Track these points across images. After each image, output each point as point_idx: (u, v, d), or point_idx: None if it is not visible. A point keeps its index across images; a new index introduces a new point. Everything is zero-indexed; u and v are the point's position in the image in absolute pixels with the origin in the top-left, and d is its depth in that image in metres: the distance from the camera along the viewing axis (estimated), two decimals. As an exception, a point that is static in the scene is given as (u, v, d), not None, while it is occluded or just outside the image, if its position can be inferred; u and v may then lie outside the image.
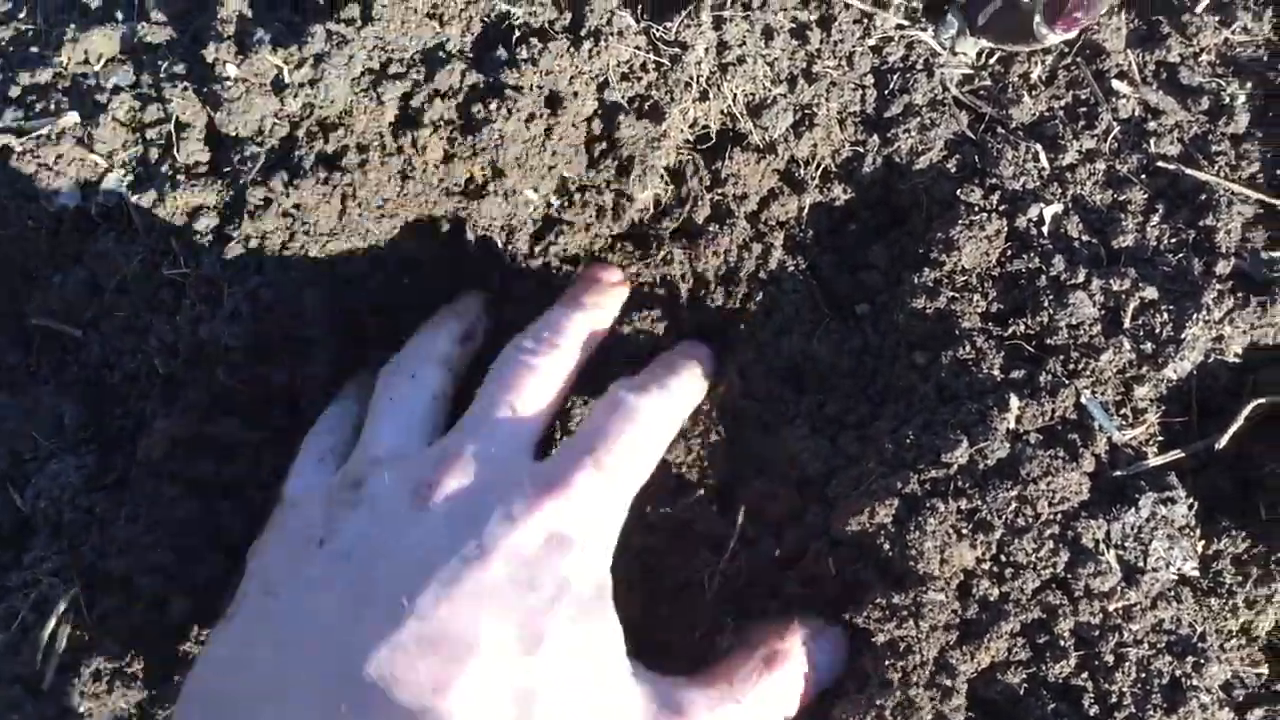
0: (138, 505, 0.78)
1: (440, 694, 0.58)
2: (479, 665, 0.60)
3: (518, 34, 0.89)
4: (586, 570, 0.67)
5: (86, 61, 0.93)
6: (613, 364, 0.86)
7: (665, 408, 0.78)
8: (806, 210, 0.92)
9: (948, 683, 0.73)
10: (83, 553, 0.77)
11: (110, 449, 0.86)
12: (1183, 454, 0.80)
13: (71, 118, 0.90)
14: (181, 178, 0.88)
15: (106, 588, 0.76)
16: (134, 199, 0.88)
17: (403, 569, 0.64)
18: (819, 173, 0.92)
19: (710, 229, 0.91)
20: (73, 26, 0.93)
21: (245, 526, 0.79)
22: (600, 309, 0.86)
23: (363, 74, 0.87)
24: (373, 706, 0.57)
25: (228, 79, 0.87)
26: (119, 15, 0.96)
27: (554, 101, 0.88)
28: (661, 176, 0.92)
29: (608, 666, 0.66)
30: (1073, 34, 0.83)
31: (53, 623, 0.74)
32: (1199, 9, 0.93)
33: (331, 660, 0.60)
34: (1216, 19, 0.93)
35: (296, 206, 0.85)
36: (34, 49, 0.96)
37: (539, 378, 0.78)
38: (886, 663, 0.75)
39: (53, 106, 0.91)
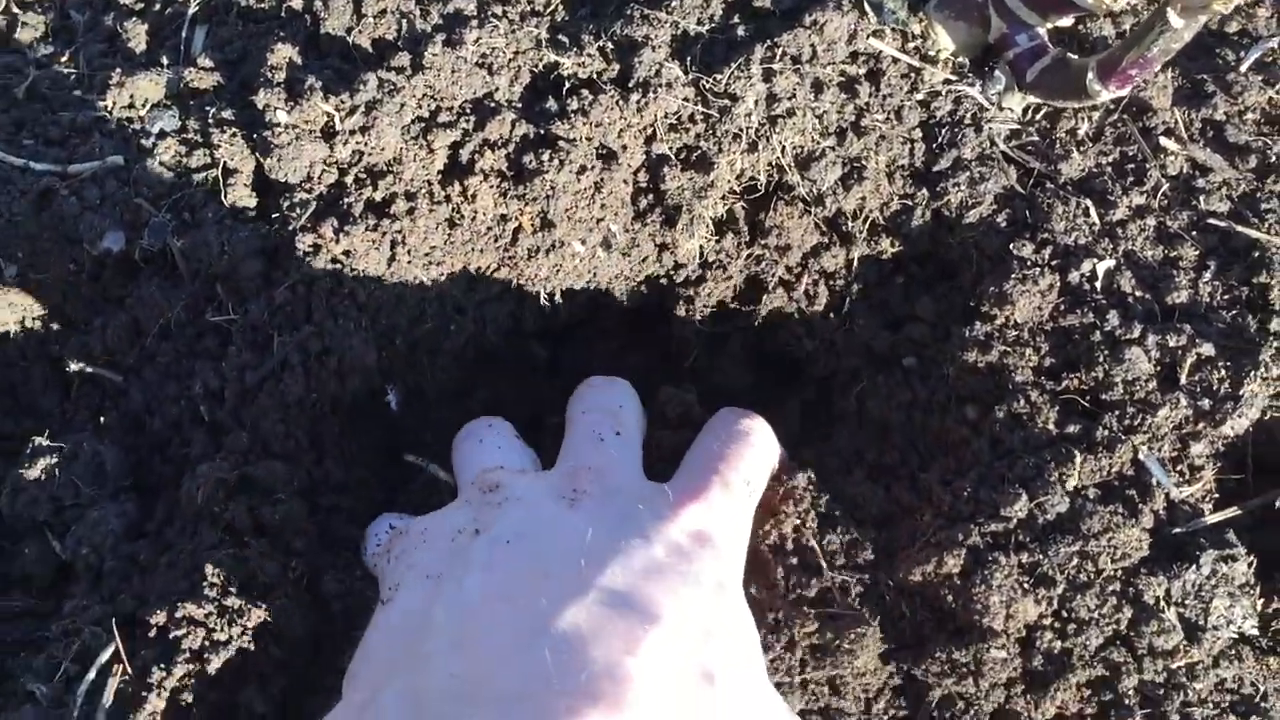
0: (178, 552, 0.77)
1: (631, 652, 0.62)
2: (663, 635, 0.64)
3: (567, 85, 0.89)
4: (731, 569, 0.73)
5: (131, 105, 0.93)
6: None
7: (770, 436, 0.83)
8: (855, 262, 0.92)
9: None
10: (123, 603, 0.75)
11: (150, 496, 0.84)
12: (1240, 511, 0.79)
13: (115, 160, 0.90)
14: (229, 222, 0.87)
15: (145, 639, 0.74)
16: (178, 243, 0.87)
17: (570, 552, 0.69)
18: (867, 225, 0.92)
19: None
20: (118, 71, 0.93)
21: (278, 571, 0.77)
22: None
23: (413, 122, 0.87)
24: (570, 653, 0.61)
25: (278, 125, 0.86)
26: (164, 60, 0.96)
27: (606, 155, 0.88)
28: (708, 227, 0.92)
29: (755, 659, 0.71)
30: (1125, 91, 0.84)
31: (93, 674, 0.72)
32: (1243, 68, 0.94)
33: (523, 616, 0.64)
34: (1261, 78, 0.94)
35: (345, 253, 0.85)
36: (76, 92, 0.96)
37: (624, 404, 0.85)
38: (945, 717, 0.74)
39: (96, 150, 0.91)
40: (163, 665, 0.70)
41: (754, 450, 0.80)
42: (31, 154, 0.91)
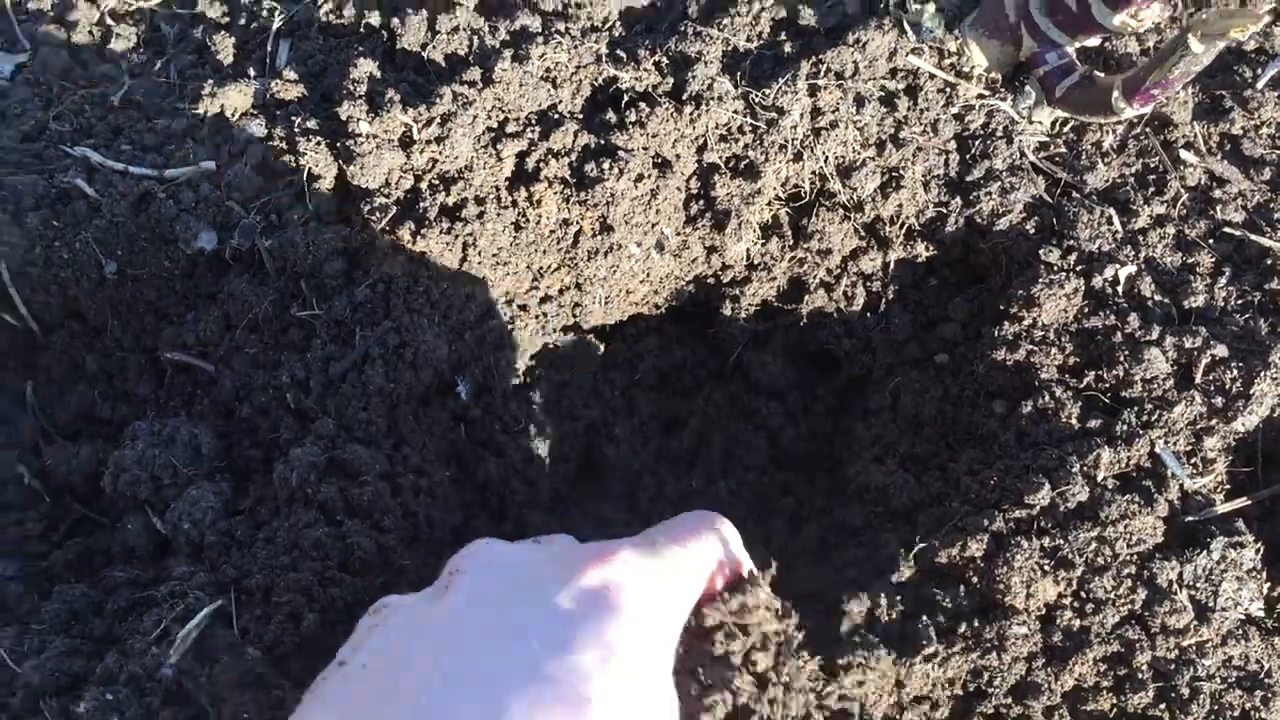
0: (275, 529, 0.84)
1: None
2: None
3: (625, 98, 0.96)
4: (634, 636, 0.60)
5: (222, 114, 1.00)
6: None
7: (735, 534, 0.70)
8: (891, 265, 0.98)
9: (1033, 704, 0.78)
10: (225, 571, 0.83)
11: (243, 477, 0.91)
12: (1249, 501, 0.85)
13: (208, 165, 0.97)
14: (312, 224, 0.94)
15: (249, 603, 0.81)
16: (266, 243, 0.95)
17: (428, 641, 0.62)
18: (903, 231, 0.98)
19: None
20: (209, 81, 1.00)
21: (373, 546, 0.84)
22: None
23: (484, 132, 0.94)
24: None
25: (360, 134, 0.93)
26: (251, 72, 1.03)
27: (661, 163, 0.94)
28: (754, 231, 0.99)
29: None
30: (1148, 109, 0.90)
31: (194, 625, 0.79)
32: (1260, 85, 1.00)
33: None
34: (1277, 94, 0.99)
35: (421, 254, 0.92)
36: (169, 100, 1.03)
37: None
38: (970, 689, 0.80)
39: (190, 155, 0.98)
40: (263, 624, 0.78)
41: (707, 532, 0.68)
42: (129, 159, 0.98)
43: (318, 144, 0.95)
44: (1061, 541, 0.81)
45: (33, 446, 0.99)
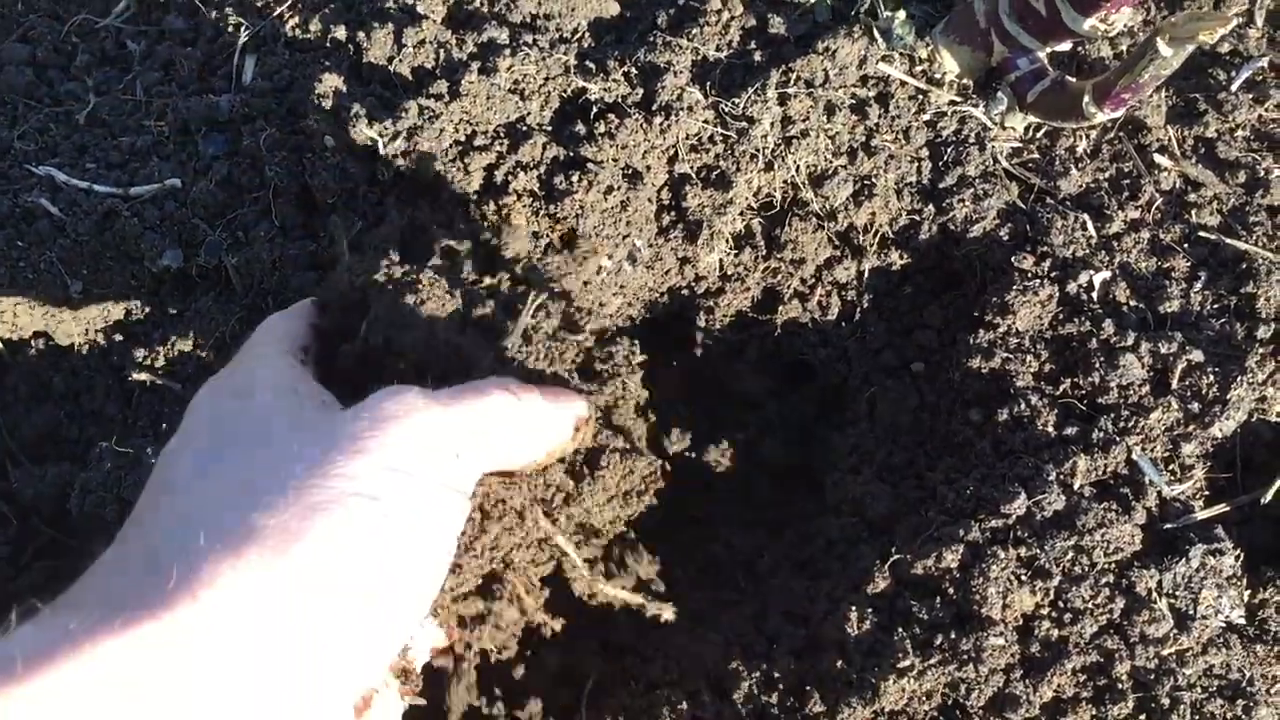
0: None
1: None
2: None
3: (594, 109, 0.95)
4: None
5: (186, 130, 0.99)
6: None
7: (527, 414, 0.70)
8: (866, 274, 0.97)
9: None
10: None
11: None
12: (1228, 508, 0.84)
13: (173, 183, 0.96)
14: (279, 240, 0.93)
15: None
16: (232, 260, 0.94)
17: None
18: (877, 239, 0.97)
19: None
20: (174, 98, 0.99)
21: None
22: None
23: (451, 145, 0.93)
24: None
25: (325, 150, 0.92)
26: (216, 87, 1.02)
27: (631, 174, 0.93)
28: (727, 241, 0.98)
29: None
30: (1120, 113, 0.89)
31: None
32: (1234, 87, 0.99)
33: None
34: (1251, 96, 0.99)
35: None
36: (134, 118, 1.02)
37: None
38: (948, 702, 0.79)
39: (155, 173, 0.97)
40: None
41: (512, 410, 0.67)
42: (94, 177, 0.97)
43: (282, 158, 0.94)
44: (1038, 551, 0.81)
45: (-2, 468, 0.98)
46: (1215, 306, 0.89)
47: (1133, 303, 0.90)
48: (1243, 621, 0.81)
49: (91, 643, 0.48)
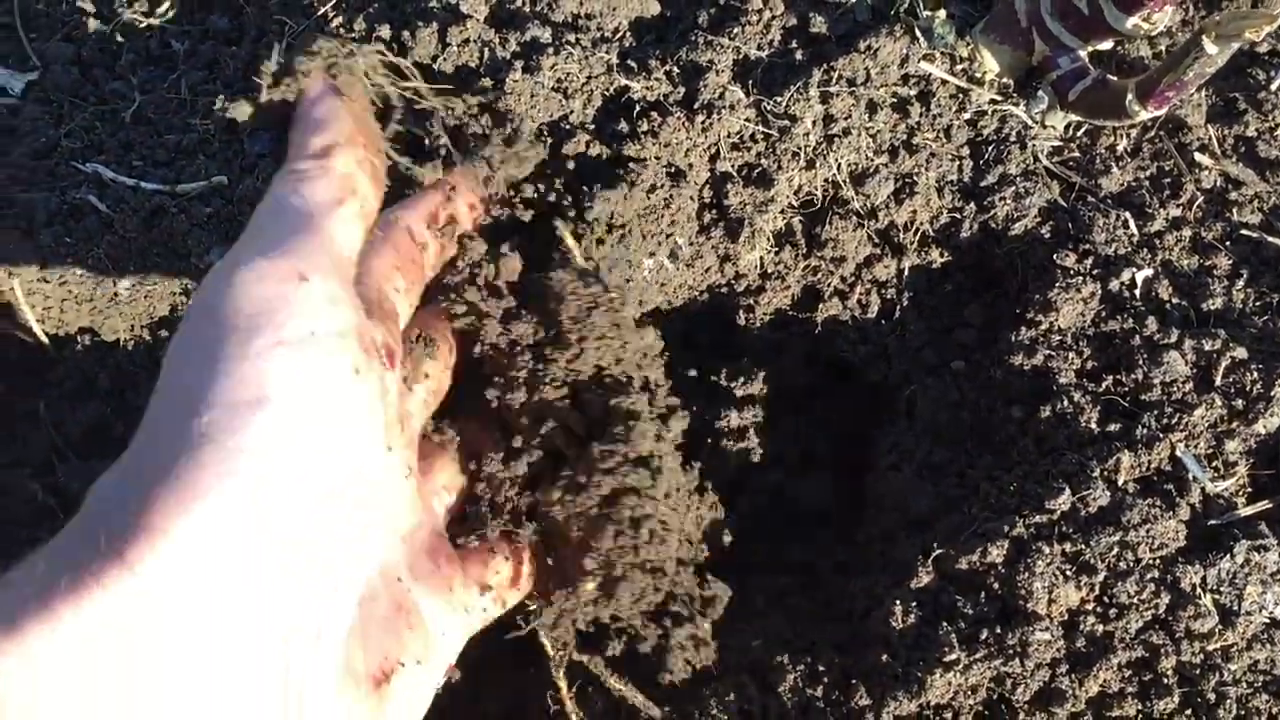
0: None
1: None
2: None
3: (637, 108, 0.95)
4: None
5: (233, 128, 1.00)
6: None
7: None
8: (906, 272, 0.98)
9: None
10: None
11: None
12: (1271, 504, 0.84)
13: (220, 180, 0.97)
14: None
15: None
16: (279, 257, 0.94)
17: None
18: (918, 237, 0.98)
19: None
20: (221, 97, 1.00)
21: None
22: None
23: (497, 143, 0.93)
24: None
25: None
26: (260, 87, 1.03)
27: (674, 173, 0.94)
28: (768, 239, 0.98)
29: None
30: (1163, 111, 0.89)
31: None
32: (1273, 88, 1.00)
33: None
34: (1290, 97, 0.99)
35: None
36: (179, 116, 1.03)
37: None
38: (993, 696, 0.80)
39: (202, 170, 0.98)
40: None
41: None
42: (141, 174, 0.98)
43: (330, 157, 0.95)
44: (1083, 546, 0.81)
45: (44, 464, 0.99)
46: (1258, 304, 0.90)
47: (1175, 300, 0.90)
48: (1286, 618, 0.81)
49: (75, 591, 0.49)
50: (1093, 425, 0.86)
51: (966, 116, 0.98)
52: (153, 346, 0.99)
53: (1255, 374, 0.85)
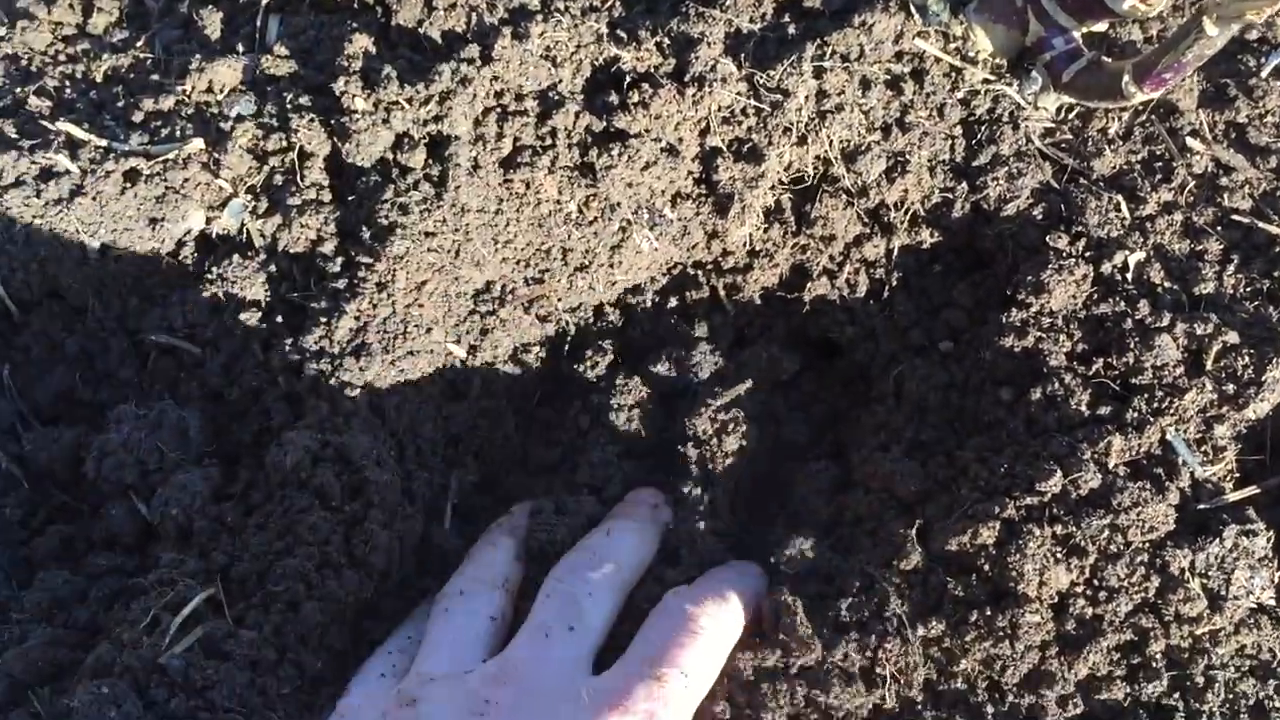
0: (268, 514, 0.82)
1: None
2: None
3: (627, 79, 0.94)
4: None
5: (210, 90, 0.97)
6: None
7: (725, 620, 0.76)
8: (895, 251, 0.97)
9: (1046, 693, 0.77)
10: (215, 559, 0.80)
11: (232, 461, 0.89)
12: (1260, 490, 0.84)
13: (197, 143, 0.94)
14: (305, 203, 0.92)
15: (241, 591, 0.79)
16: (257, 224, 0.92)
17: None
18: (908, 217, 0.97)
19: None
20: (198, 57, 0.97)
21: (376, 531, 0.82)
22: (646, 530, 0.86)
23: (484, 111, 0.91)
24: None
25: (355, 112, 0.91)
26: (239, 47, 1.00)
27: (667, 148, 0.92)
28: (757, 216, 0.97)
29: None
30: (1159, 93, 0.89)
31: (185, 614, 0.76)
32: (1264, 74, 1.00)
33: None
34: (1280, 83, 0.99)
35: (426, 234, 0.89)
36: (154, 76, 1.00)
37: (595, 593, 0.78)
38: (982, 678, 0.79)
39: (178, 133, 0.95)
40: (260, 613, 0.76)
41: (701, 641, 0.73)
42: (113, 135, 0.95)
43: (310, 121, 0.93)
44: (1074, 529, 0.80)
45: (9, 430, 0.95)
46: (1249, 289, 0.90)
47: (1167, 284, 0.90)
48: (1274, 602, 0.81)
49: None
50: (1083, 408, 0.86)
51: (960, 95, 0.97)
52: (122, 314, 0.96)
53: (1246, 359, 0.85)
